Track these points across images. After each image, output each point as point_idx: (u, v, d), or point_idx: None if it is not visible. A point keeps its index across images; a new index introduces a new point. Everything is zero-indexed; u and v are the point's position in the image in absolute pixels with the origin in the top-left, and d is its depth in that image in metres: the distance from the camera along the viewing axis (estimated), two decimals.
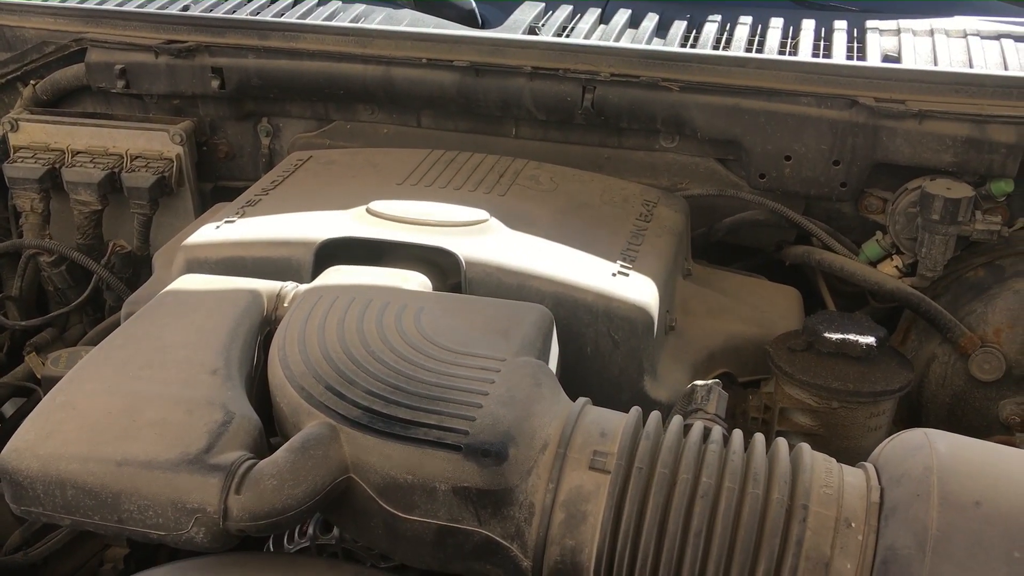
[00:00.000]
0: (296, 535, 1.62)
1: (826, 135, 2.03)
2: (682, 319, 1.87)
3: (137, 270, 2.47)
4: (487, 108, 2.23)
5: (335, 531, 1.57)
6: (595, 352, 1.64)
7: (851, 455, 1.27)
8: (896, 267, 2.13)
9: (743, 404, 1.82)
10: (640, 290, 1.65)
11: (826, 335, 1.67)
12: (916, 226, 2.02)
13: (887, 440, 1.27)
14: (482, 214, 1.77)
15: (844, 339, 1.66)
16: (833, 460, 1.25)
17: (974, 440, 1.22)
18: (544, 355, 1.45)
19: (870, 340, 1.66)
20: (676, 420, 1.28)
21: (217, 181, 2.54)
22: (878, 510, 1.15)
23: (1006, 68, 2.08)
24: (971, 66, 2.12)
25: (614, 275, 1.67)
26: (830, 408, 1.65)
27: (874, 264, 2.16)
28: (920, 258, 2.02)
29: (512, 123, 2.30)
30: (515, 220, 1.80)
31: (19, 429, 1.24)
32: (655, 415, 1.28)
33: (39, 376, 2.14)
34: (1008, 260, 2.07)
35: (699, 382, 1.47)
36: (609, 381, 1.65)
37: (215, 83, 2.34)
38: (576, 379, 1.62)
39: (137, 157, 2.40)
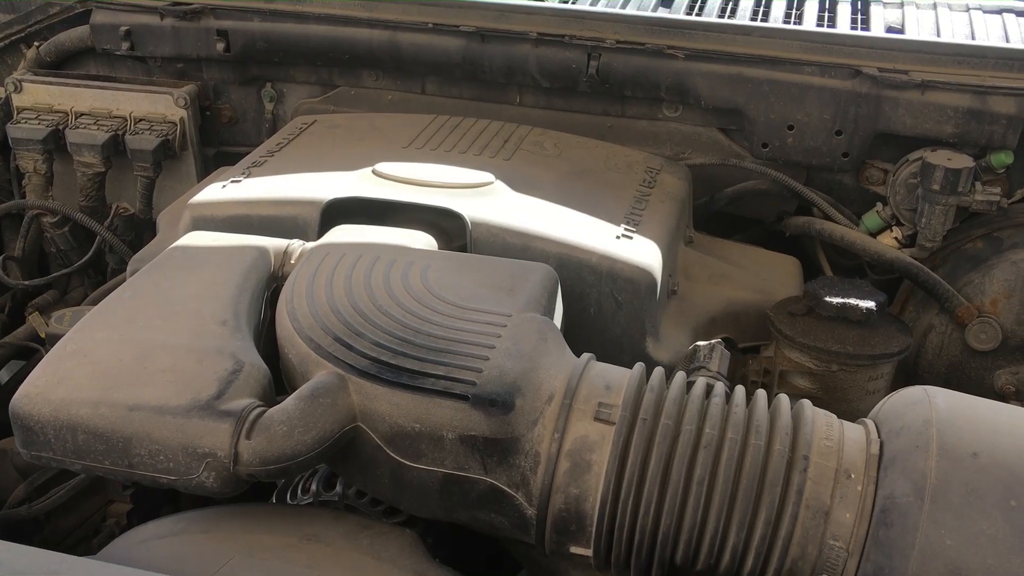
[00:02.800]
0: (300, 491, 1.64)
1: (829, 105, 2.05)
2: (684, 284, 1.89)
3: (140, 233, 2.48)
4: (492, 75, 2.24)
5: (338, 487, 1.59)
6: (598, 312, 1.66)
7: (849, 418, 1.29)
8: (896, 238, 2.15)
9: (743, 368, 1.84)
10: (643, 253, 1.67)
11: (827, 299, 1.69)
12: (916, 197, 2.04)
13: (887, 397, 1.30)
14: (488, 176, 1.79)
15: (845, 303, 1.68)
16: (834, 416, 1.27)
17: (971, 396, 1.24)
18: (549, 312, 1.46)
19: (870, 304, 1.68)
20: (679, 375, 1.30)
21: (220, 146, 2.54)
22: (878, 461, 1.17)
23: (1007, 41, 2.09)
24: (973, 38, 2.13)
25: (618, 238, 1.69)
26: (829, 371, 1.68)
27: (874, 235, 2.18)
28: (920, 229, 2.04)
29: (516, 91, 2.31)
30: (520, 183, 1.81)
31: (30, 375, 1.25)
32: (659, 370, 1.30)
33: (43, 335, 2.15)
34: (1006, 232, 2.09)
35: (701, 342, 1.49)
36: (612, 341, 1.67)
37: (220, 46, 2.34)
38: (579, 339, 1.63)
39: (141, 120, 2.40)
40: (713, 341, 1.46)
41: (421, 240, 1.63)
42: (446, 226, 1.71)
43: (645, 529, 1.19)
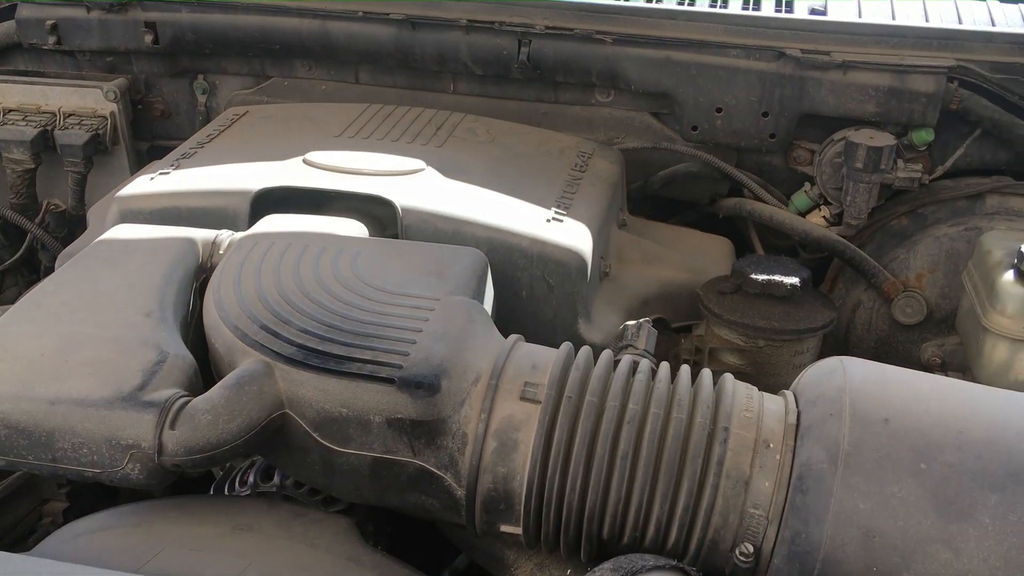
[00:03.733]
0: (237, 484, 1.63)
1: (755, 87, 2.08)
2: (617, 266, 1.91)
3: (72, 229, 2.44)
4: (424, 63, 2.24)
5: (276, 478, 1.59)
6: (530, 295, 1.67)
7: (778, 392, 1.33)
8: (824, 217, 2.19)
9: (676, 347, 1.87)
10: (573, 235, 1.69)
11: (753, 276, 1.72)
12: (842, 176, 2.09)
13: (806, 369, 1.33)
14: (418, 163, 1.79)
15: (770, 280, 1.71)
16: (755, 388, 1.30)
17: (884, 365, 1.28)
18: (479, 296, 1.48)
19: (794, 281, 1.72)
20: (606, 354, 1.32)
21: (153, 140, 2.51)
22: (795, 430, 1.20)
23: (927, 20, 2.14)
24: (893, 19, 2.17)
25: (548, 221, 1.71)
26: (757, 347, 1.71)
27: (803, 214, 2.22)
28: (845, 207, 2.09)
29: (450, 79, 2.32)
30: (452, 170, 1.82)
31: None
32: (586, 349, 1.32)
33: None
34: (930, 208, 2.15)
35: (630, 322, 1.51)
36: (544, 324, 1.68)
37: (148, 38, 2.32)
38: (512, 322, 1.65)
39: (71, 115, 2.37)
40: (641, 320, 1.48)
41: (352, 228, 1.63)
42: (378, 214, 1.72)
43: (572, 505, 1.21)
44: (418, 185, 1.74)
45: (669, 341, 1.90)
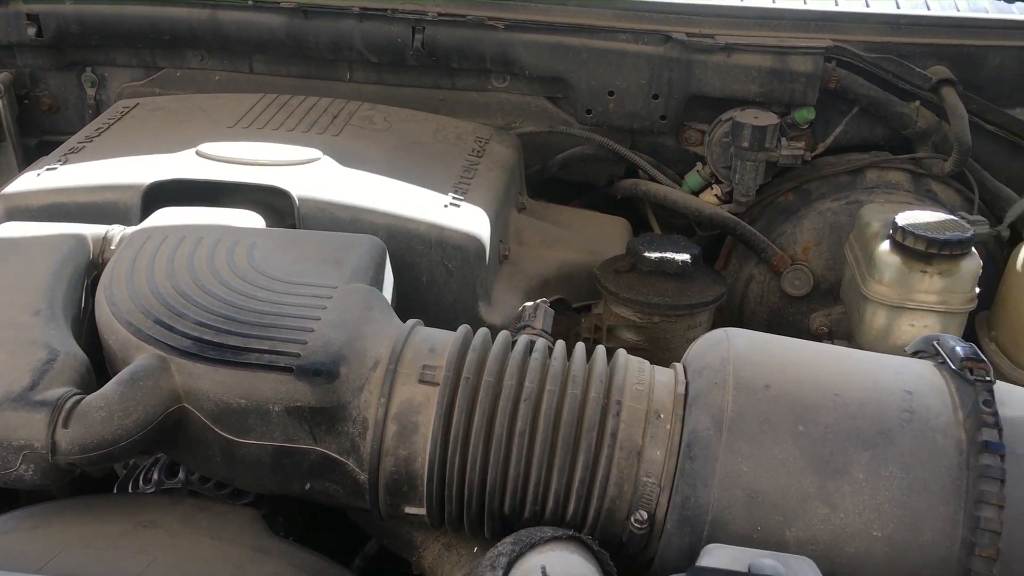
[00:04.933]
0: (141, 481, 1.62)
1: (644, 70, 2.14)
2: (516, 249, 1.95)
3: None
4: (319, 51, 2.23)
5: (180, 474, 1.57)
6: (430, 281, 1.69)
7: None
8: (716, 195, 2.27)
9: (576, 327, 1.92)
10: (471, 220, 1.71)
11: (646, 255, 1.78)
12: (730, 155, 2.16)
13: (694, 342, 1.39)
14: (314, 152, 1.79)
15: (662, 257, 1.77)
16: (647, 362, 1.35)
17: (768, 334, 1.35)
18: (377, 283, 1.49)
19: (685, 257, 1.78)
20: (503, 334, 1.35)
21: (42, 135, 2.44)
22: (683, 401, 1.26)
23: (804, 2, 2.23)
24: (774, 1, 2.25)
25: (446, 207, 1.73)
26: (652, 322, 1.77)
27: (696, 193, 2.29)
28: (734, 185, 2.16)
29: (346, 67, 2.31)
30: (348, 158, 1.82)
31: None
32: (483, 331, 1.35)
33: None
34: (814, 184, 2.24)
35: (528, 303, 1.55)
36: (445, 308, 1.71)
37: (31, 31, 2.25)
38: (413, 308, 1.67)
39: None
40: (538, 301, 1.52)
41: (248, 219, 1.63)
42: (274, 204, 1.71)
43: (473, 483, 1.24)
44: (314, 174, 1.74)
45: (570, 320, 1.94)
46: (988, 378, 1.20)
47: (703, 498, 1.16)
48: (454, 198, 1.76)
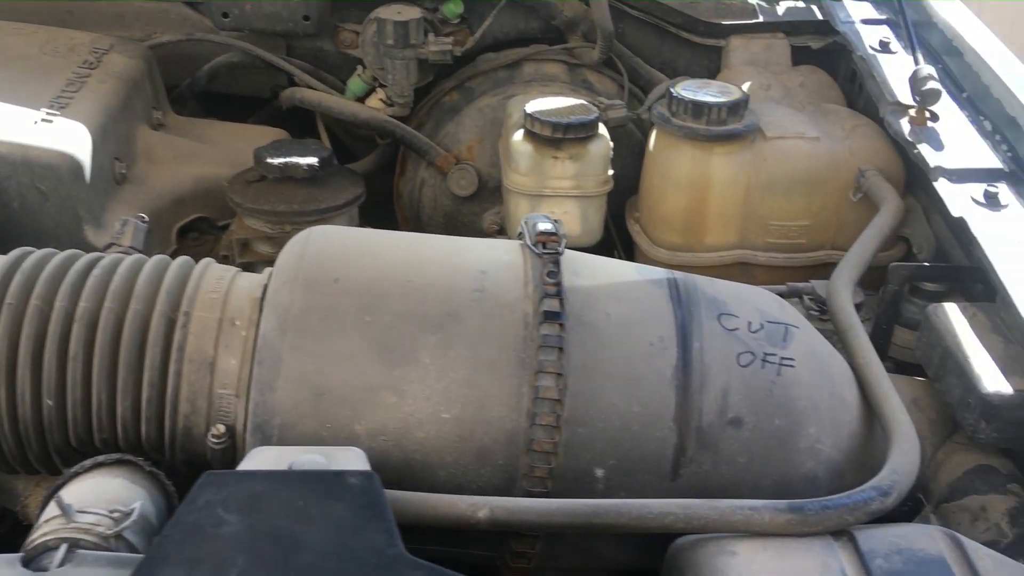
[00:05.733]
0: None
1: None
2: (145, 167, 1.81)
3: None
4: None
5: None
6: (23, 206, 1.53)
7: None
8: (381, 99, 2.19)
9: (218, 245, 1.81)
10: (64, 136, 1.56)
11: (269, 161, 1.69)
12: (381, 55, 2.09)
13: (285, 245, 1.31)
14: None
15: (286, 163, 1.69)
16: (235, 269, 1.27)
17: (355, 229, 1.30)
18: None
19: (312, 160, 1.70)
20: (59, 255, 1.22)
21: None
22: (260, 304, 1.19)
23: None
24: None
25: (36, 123, 1.56)
26: (284, 232, 1.69)
27: (361, 99, 2.21)
28: (388, 85, 2.09)
29: None
30: None
31: None
32: (39, 253, 1.22)
33: None
34: (476, 81, 2.21)
35: (120, 220, 1.43)
36: (45, 234, 1.55)
37: None
38: (8, 237, 1.51)
39: None
40: (129, 218, 1.40)
41: None
42: None
43: (27, 418, 1.13)
44: None
45: (214, 239, 1.83)
46: (557, 250, 1.20)
47: (270, 402, 1.11)
48: (48, 114, 1.59)
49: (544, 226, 1.24)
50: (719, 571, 1.00)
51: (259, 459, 0.99)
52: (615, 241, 2.09)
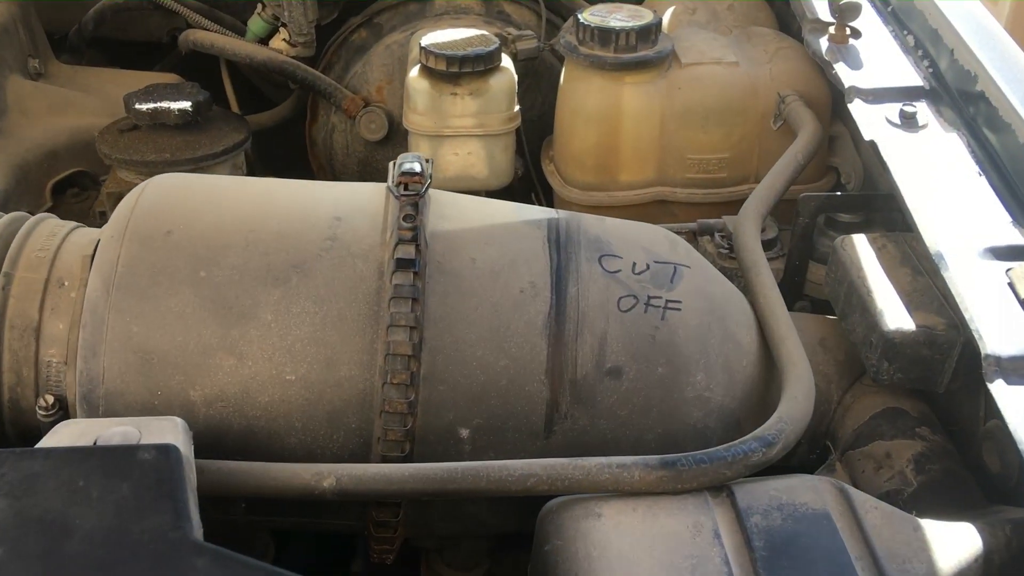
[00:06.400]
0: None
1: None
2: (17, 119, 1.68)
3: None
4: None
5: None
6: None
7: None
8: (284, 40, 2.06)
9: (94, 201, 1.69)
10: None
11: (137, 107, 1.56)
12: None
13: None
14: None
15: (156, 108, 1.56)
16: (71, 224, 1.16)
17: (205, 176, 1.19)
18: None
19: (184, 106, 1.57)
20: None
21: None
22: (90, 263, 1.08)
23: None
24: None
25: None
26: None
27: (264, 40, 2.07)
28: (287, 23, 1.96)
29: None
30: None
31: None
32: None
33: None
34: (384, 16, 2.07)
35: None
36: None
37: None
38: None
39: None
40: None
41: None
42: None
43: None
44: None
45: (96, 195, 1.71)
46: (418, 192, 1.09)
47: (95, 369, 1.00)
48: None
49: (409, 166, 1.12)
50: (582, 535, 0.91)
51: (62, 434, 0.88)
52: (535, 184, 1.98)
